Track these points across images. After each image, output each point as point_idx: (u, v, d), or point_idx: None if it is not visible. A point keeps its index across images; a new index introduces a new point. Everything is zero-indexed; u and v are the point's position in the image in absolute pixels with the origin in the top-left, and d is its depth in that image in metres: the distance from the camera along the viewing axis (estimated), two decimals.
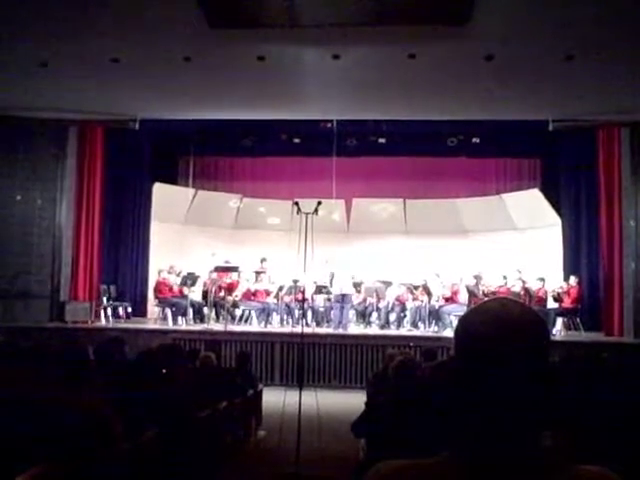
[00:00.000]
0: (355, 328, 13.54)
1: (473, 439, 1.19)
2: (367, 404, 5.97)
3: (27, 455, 2.90)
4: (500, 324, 1.20)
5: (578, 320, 12.77)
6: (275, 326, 13.56)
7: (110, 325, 12.90)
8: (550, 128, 12.46)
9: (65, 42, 9.25)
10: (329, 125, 13.97)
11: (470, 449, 1.19)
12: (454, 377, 1.24)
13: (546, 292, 13.30)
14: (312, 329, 12.74)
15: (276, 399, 8.42)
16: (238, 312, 13.99)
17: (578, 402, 3.80)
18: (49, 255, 13.05)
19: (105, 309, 13.39)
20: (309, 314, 13.75)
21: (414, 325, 13.38)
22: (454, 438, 1.22)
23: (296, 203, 8.34)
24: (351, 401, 8.39)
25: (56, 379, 3.84)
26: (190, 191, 16.52)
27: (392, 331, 13.25)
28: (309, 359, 11.44)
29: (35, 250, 12.95)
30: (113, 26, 8.74)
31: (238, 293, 14.14)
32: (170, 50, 9.49)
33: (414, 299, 13.68)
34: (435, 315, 13.22)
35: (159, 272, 14.09)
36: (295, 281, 13.22)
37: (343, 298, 12.74)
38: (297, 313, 13.22)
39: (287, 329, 12.70)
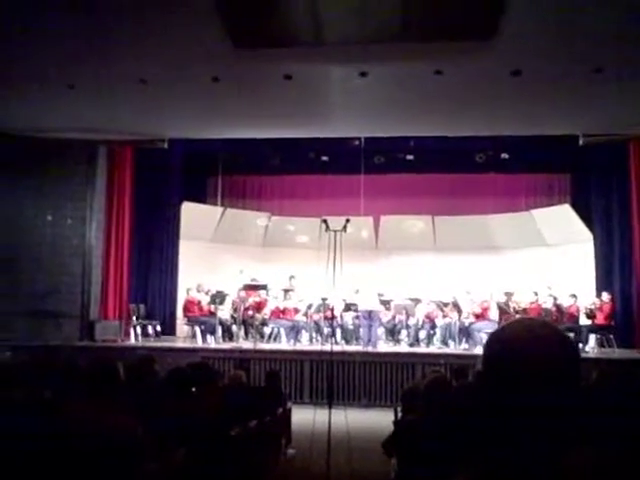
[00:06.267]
0: (384, 346, 13.45)
1: (496, 457, 1.16)
2: (395, 423, 5.90)
3: (58, 474, 2.89)
4: (528, 342, 1.18)
5: (612, 337, 12.57)
6: (304, 344, 13.53)
7: (140, 344, 12.93)
8: (580, 142, 12.35)
9: (93, 64, 9.37)
10: (357, 142, 13.98)
11: (493, 467, 1.16)
12: (481, 394, 1.21)
13: (578, 308, 13.10)
14: (341, 347, 12.69)
15: (306, 417, 8.39)
16: (267, 330, 13.98)
17: (610, 421, 3.71)
18: (79, 274, 13.16)
19: (135, 328, 13.43)
20: (338, 332, 13.71)
21: (444, 342, 13.27)
22: (478, 456, 1.19)
23: (324, 221, 8.36)
24: (381, 419, 8.31)
25: (86, 398, 3.84)
26: (218, 210, 16.60)
27: (422, 349, 13.15)
28: (338, 377, 11.38)
29: (65, 269, 13.07)
30: (140, 47, 8.84)
31: (267, 311, 14.12)
32: (198, 71, 9.58)
33: (444, 316, 13.58)
34: (465, 332, 13.10)
35: (188, 290, 14.15)
36: (324, 299, 13.20)
37: (370, 315, 12.66)
38: (326, 331, 13.18)
39: (316, 347, 12.66)
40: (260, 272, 15.03)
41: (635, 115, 11.24)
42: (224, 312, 14.11)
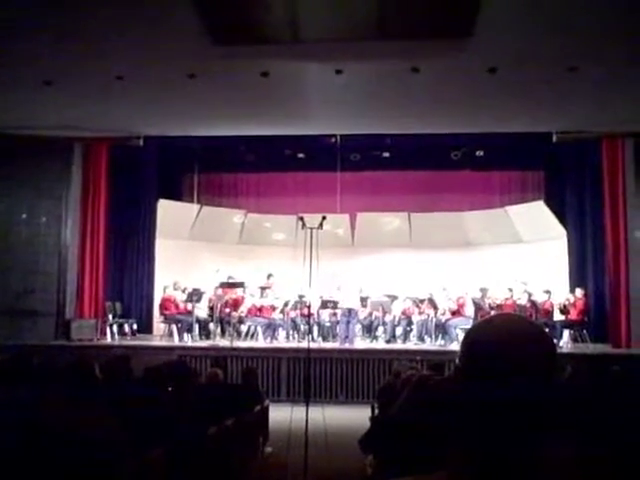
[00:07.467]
0: (361, 342, 13.50)
1: (473, 454, 1.18)
2: (372, 419, 5.94)
3: (34, 475, 2.88)
4: (506, 337, 1.20)
5: (585, 332, 12.71)
6: (281, 341, 13.54)
7: (116, 342, 12.87)
8: (554, 140, 12.48)
9: (69, 61, 9.30)
10: (333, 140, 13.99)
11: (470, 465, 1.18)
12: (458, 389, 1.23)
13: (552, 304, 13.24)
14: (318, 344, 12.71)
15: (283, 415, 8.39)
16: (244, 328, 13.95)
17: (587, 414, 3.77)
18: (54, 273, 13.05)
19: (111, 326, 13.36)
20: (315, 329, 13.73)
21: (420, 339, 13.35)
22: (455, 453, 1.20)
23: (301, 218, 8.36)
24: (358, 416, 8.33)
25: (62, 397, 3.83)
26: (195, 207, 16.54)
27: (398, 345, 13.21)
28: (315, 374, 11.40)
29: (41, 268, 12.96)
30: (117, 44, 8.78)
31: (244, 309, 14.10)
32: (174, 67, 9.54)
33: (420, 313, 13.66)
34: (441, 328, 13.19)
35: (164, 288, 14.09)
36: (301, 296, 13.22)
37: (349, 312, 12.71)
38: (303, 328, 13.20)
39: (293, 344, 12.69)
40: (237, 270, 15.01)
41: (608, 113, 11.37)
42: (201, 310, 14.07)
